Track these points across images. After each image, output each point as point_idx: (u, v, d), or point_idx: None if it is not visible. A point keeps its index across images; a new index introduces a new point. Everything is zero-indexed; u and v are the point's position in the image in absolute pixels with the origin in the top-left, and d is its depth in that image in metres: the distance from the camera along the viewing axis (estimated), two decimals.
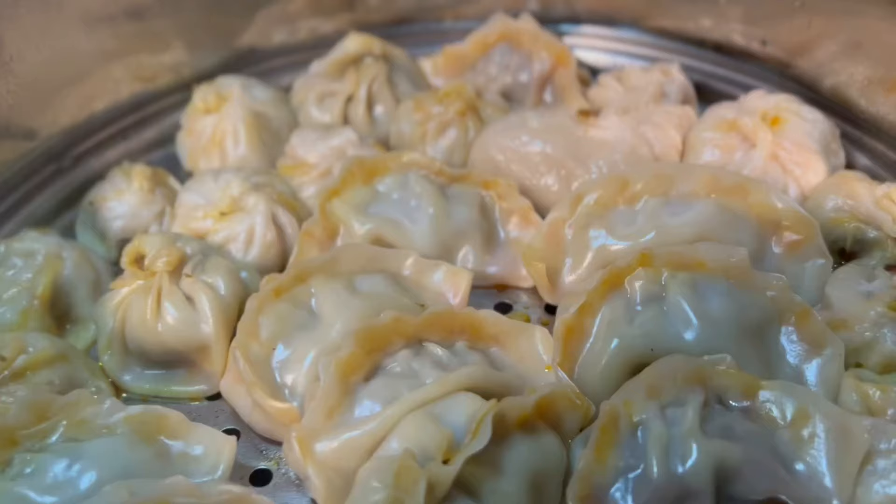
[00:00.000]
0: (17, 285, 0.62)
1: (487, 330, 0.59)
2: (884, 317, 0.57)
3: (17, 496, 0.49)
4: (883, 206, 0.65)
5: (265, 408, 0.54)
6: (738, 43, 0.82)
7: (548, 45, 0.81)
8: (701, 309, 0.59)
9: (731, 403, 0.55)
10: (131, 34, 0.76)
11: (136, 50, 0.77)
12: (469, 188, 0.69)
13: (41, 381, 0.58)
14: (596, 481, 0.52)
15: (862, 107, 0.74)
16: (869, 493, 0.50)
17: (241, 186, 0.68)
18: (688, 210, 0.65)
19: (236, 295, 0.60)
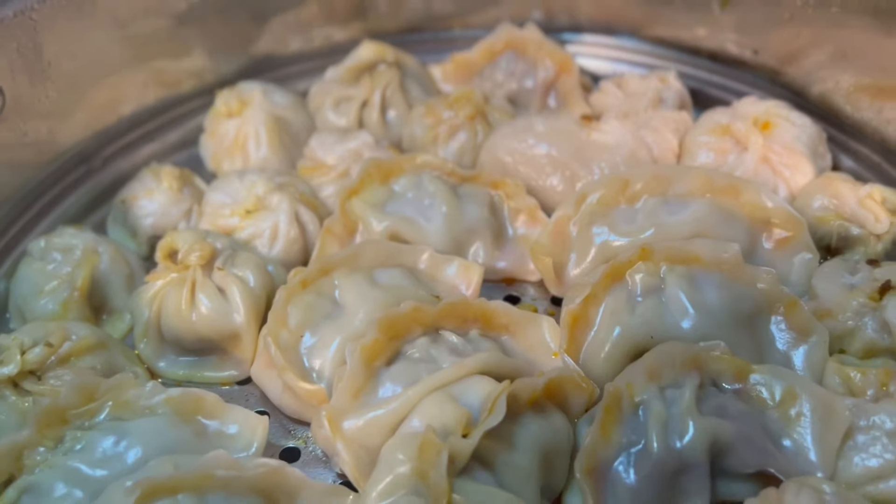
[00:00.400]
0: (57, 278, 0.66)
1: (499, 319, 0.62)
2: (865, 307, 0.60)
3: (70, 469, 0.53)
4: (865, 205, 0.68)
5: (296, 390, 0.58)
6: (731, 52, 0.85)
7: (552, 53, 0.85)
8: (697, 300, 0.62)
9: (725, 386, 0.58)
10: (157, 42, 0.79)
11: (161, 57, 0.81)
12: (479, 188, 0.73)
13: (84, 367, 0.61)
14: (601, 455, 0.55)
15: (847, 113, 0.77)
16: (850, 465, 0.54)
17: (265, 186, 0.72)
18: (684, 209, 0.68)
19: (264, 287, 0.64)
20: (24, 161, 0.71)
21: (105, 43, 0.75)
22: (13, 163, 0.70)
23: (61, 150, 0.75)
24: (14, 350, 0.58)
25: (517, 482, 0.52)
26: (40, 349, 0.58)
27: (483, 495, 0.49)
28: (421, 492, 0.50)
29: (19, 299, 0.66)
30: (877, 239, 0.68)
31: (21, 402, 0.57)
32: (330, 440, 0.54)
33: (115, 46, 0.76)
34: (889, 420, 0.53)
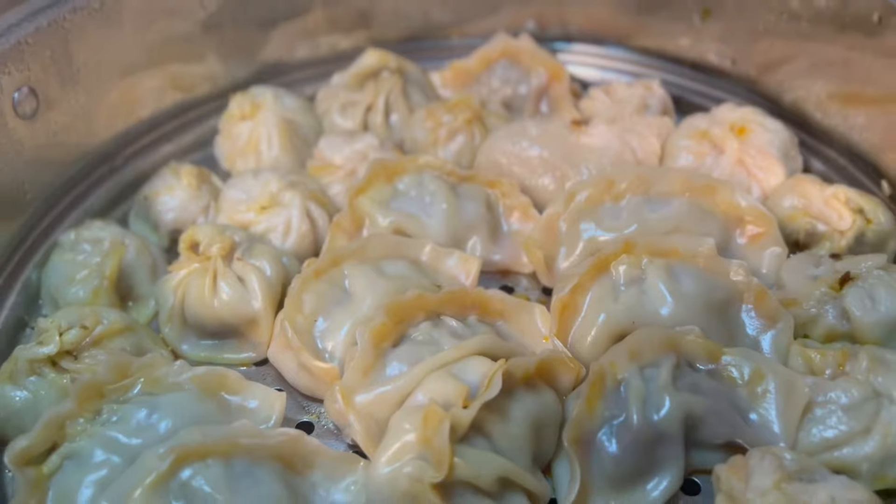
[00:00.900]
0: (87, 267, 0.70)
1: (494, 307, 0.67)
2: (827, 296, 0.65)
3: (108, 438, 0.57)
4: (831, 204, 0.73)
5: (311, 368, 0.62)
6: (711, 61, 0.89)
7: (544, 61, 0.89)
8: (674, 289, 0.66)
9: (698, 366, 0.62)
10: (175, 50, 0.83)
11: (178, 63, 0.85)
12: (476, 187, 0.77)
13: (115, 348, 0.65)
14: (586, 427, 0.59)
15: (817, 119, 0.82)
16: (808, 436, 0.59)
17: (278, 184, 0.76)
18: (665, 207, 0.73)
19: (279, 276, 0.69)
20: (54, 159, 0.75)
21: (128, 50, 0.79)
22: (44, 161, 0.73)
23: (87, 150, 0.79)
24: (53, 332, 0.62)
25: (511, 449, 0.56)
26: (76, 331, 0.63)
27: (481, 460, 0.54)
28: (426, 456, 0.55)
29: (52, 287, 0.70)
30: (840, 235, 0.73)
31: (59, 378, 0.61)
32: (343, 413, 0.59)
33: (136, 54, 0.80)
34: (844, 396, 0.58)
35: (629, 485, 0.58)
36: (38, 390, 0.61)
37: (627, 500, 0.57)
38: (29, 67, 0.70)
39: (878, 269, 0.65)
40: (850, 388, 0.59)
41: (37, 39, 0.70)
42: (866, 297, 0.64)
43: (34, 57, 0.70)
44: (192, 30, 0.84)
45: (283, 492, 0.55)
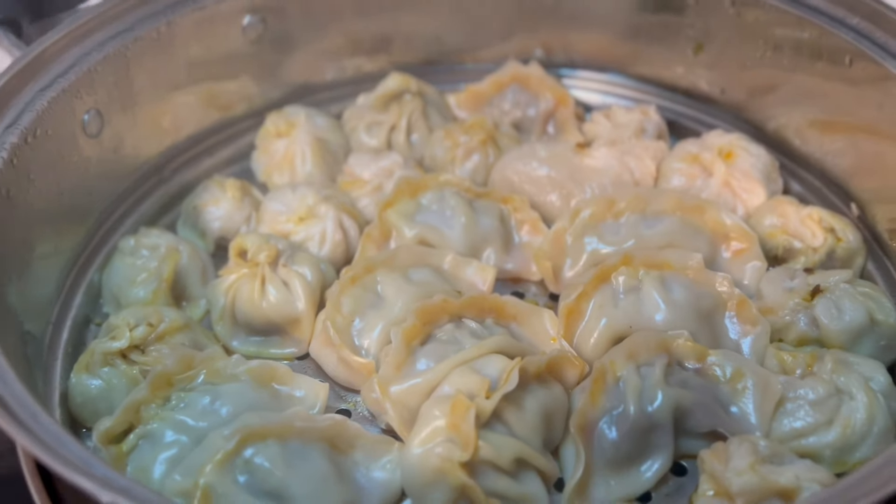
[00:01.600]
0: (146, 271, 0.78)
1: (509, 311, 0.74)
2: (799, 306, 0.73)
3: (177, 421, 0.65)
4: (805, 223, 0.80)
5: (350, 363, 0.70)
6: (703, 90, 0.95)
7: (551, 87, 0.96)
8: (667, 297, 0.73)
9: (687, 365, 0.69)
10: (216, 74, 0.90)
11: (219, 85, 0.92)
12: (491, 202, 0.85)
13: (176, 343, 0.72)
14: (589, 416, 0.66)
15: (797, 145, 0.89)
16: (780, 426, 0.66)
17: (314, 198, 0.84)
18: (659, 224, 0.80)
19: (319, 281, 0.77)
20: (113, 172, 0.82)
21: (176, 75, 0.86)
22: (106, 174, 0.81)
23: (139, 164, 0.86)
24: (123, 328, 0.70)
25: (526, 435, 0.64)
26: (143, 328, 0.71)
27: (501, 443, 0.62)
28: (454, 439, 0.62)
29: (115, 288, 0.78)
30: (813, 251, 0.79)
31: (129, 369, 0.69)
32: (379, 402, 0.67)
33: (183, 77, 0.87)
34: (811, 392, 0.66)
35: (626, 466, 0.65)
36: (110, 379, 0.69)
37: (624, 480, 0.65)
38: (96, 92, 0.78)
39: (844, 282, 0.73)
40: (816, 386, 0.67)
41: (104, 67, 0.78)
42: (833, 307, 0.71)
43: (101, 82, 0.78)
44: (232, 56, 0.91)
45: (330, 468, 0.63)
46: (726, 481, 0.60)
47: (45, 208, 0.72)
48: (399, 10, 0.98)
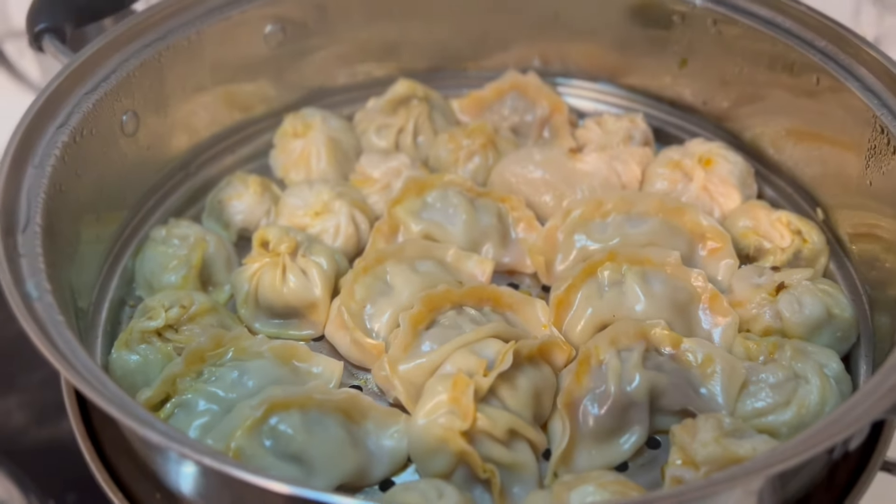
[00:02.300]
0: (177, 258, 0.84)
1: (505, 300, 0.81)
2: (765, 300, 0.79)
3: (209, 392, 0.72)
4: (775, 226, 0.86)
5: (363, 344, 0.77)
6: (687, 100, 1.01)
7: (547, 95, 1.03)
8: (647, 290, 0.79)
9: (663, 351, 0.75)
10: (239, 77, 0.97)
11: (240, 88, 0.99)
12: (490, 201, 0.91)
13: (206, 324, 0.79)
14: (575, 395, 0.72)
15: (770, 154, 0.95)
16: (744, 406, 0.73)
17: (329, 194, 0.91)
18: (642, 224, 0.86)
19: (333, 270, 0.84)
20: (145, 168, 0.89)
21: (203, 78, 0.93)
22: (139, 169, 0.88)
23: (168, 160, 0.93)
24: (159, 309, 0.77)
25: (518, 409, 0.71)
26: (176, 310, 0.77)
27: (496, 415, 0.69)
28: (455, 412, 0.68)
29: (148, 273, 0.85)
30: (781, 251, 0.86)
31: (164, 346, 0.76)
32: (389, 379, 0.74)
33: (208, 81, 0.94)
34: (771, 377, 0.73)
35: (606, 439, 0.72)
36: (147, 355, 0.76)
37: (604, 451, 0.71)
38: (134, 95, 0.85)
39: (806, 280, 0.80)
40: (776, 371, 0.73)
41: (140, 72, 0.85)
42: (795, 302, 0.78)
43: (138, 86, 0.85)
44: (254, 61, 0.98)
45: (345, 436, 0.70)
46: (693, 452, 0.67)
47: (89, 201, 0.79)
48: (407, 21, 1.05)
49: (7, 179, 0.67)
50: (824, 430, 0.52)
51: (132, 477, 0.64)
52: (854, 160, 0.82)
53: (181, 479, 0.60)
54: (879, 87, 0.79)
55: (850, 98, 0.81)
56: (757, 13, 0.90)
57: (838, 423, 0.52)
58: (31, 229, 0.65)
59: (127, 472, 0.65)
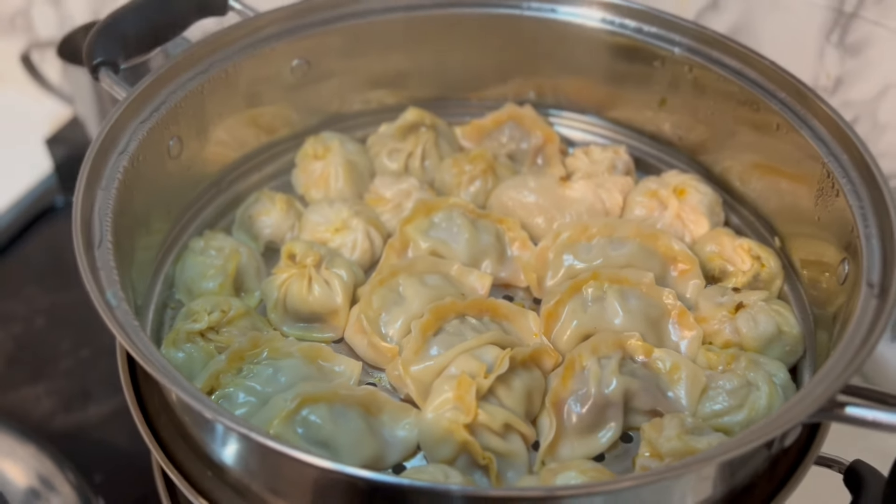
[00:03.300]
0: (214, 267, 0.94)
1: (501, 311, 0.88)
2: (726, 317, 0.86)
3: (248, 386, 0.78)
4: (737, 252, 0.95)
5: (378, 347, 0.87)
6: (665, 135, 1.10)
7: (541, 126, 1.12)
8: (625, 306, 0.86)
9: (637, 359, 0.83)
10: (266, 103, 1.07)
11: (267, 113, 1.09)
12: (489, 222, 1.01)
13: (242, 326, 0.89)
14: (561, 395, 0.79)
15: (737, 186, 1.04)
16: (704, 408, 0.80)
17: (347, 212, 1.01)
18: (622, 247, 0.93)
19: (352, 280, 0.94)
20: (185, 185, 0.99)
21: (237, 106, 1.03)
22: (180, 187, 0.98)
23: (204, 177, 1.03)
24: (203, 313, 0.87)
25: (513, 406, 0.78)
26: (217, 314, 0.87)
27: (494, 412, 0.77)
28: (459, 408, 0.75)
29: (188, 280, 0.95)
30: (742, 274, 0.94)
31: (207, 346, 0.86)
32: (402, 378, 0.82)
33: (240, 107, 1.04)
34: (728, 384, 0.81)
35: (586, 433, 0.79)
36: (192, 353, 0.86)
37: (585, 443, 0.79)
38: (179, 122, 0.95)
39: (761, 301, 0.89)
40: (732, 379, 0.81)
41: (185, 102, 0.94)
42: (751, 320, 0.85)
43: (183, 114, 0.95)
44: (280, 90, 1.08)
45: (364, 426, 0.79)
46: (659, 446, 0.75)
47: (142, 217, 0.89)
48: (416, 55, 1.14)
49: (83, 202, 0.78)
50: (761, 429, 0.64)
51: (187, 458, 0.75)
52: (806, 197, 0.90)
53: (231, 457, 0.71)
54: (829, 137, 0.89)
55: (805, 144, 0.89)
56: (728, 63, 1.00)
57: (772, 424, 0.64)
58: (105, 245, 0.76)
59: (182, 454, 0.76)
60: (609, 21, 1.08)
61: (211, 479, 0.73)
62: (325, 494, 0.67)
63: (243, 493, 0.72)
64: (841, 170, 0.87)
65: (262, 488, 0.71)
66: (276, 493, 0.70)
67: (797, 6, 1.22)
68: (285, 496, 0.70)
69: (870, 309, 0.73)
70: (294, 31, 1.05)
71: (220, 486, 0.73)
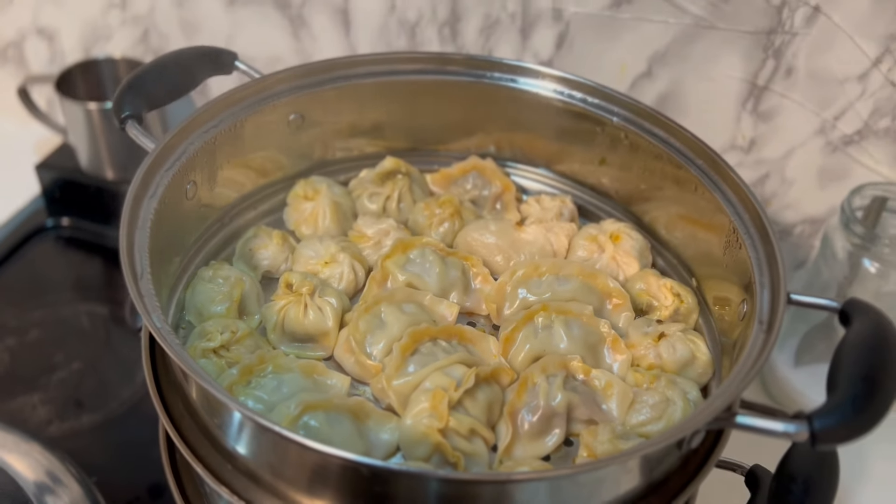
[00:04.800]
0: (221, 294, 1.06)
1: (467, 336, 0.96)
2: (651, 344, 0.96)
3: (256, 396, 0.86)
4: (661, 290, 1.04)
5: (363, 364, 0.94)
6: (604, 187, 1.20)
7: (500, 177, 1.26)
8: (569, 334, 0.96)
9: (578, 377, 0.92)
10: (263, 151, 1.20)
11: (264, 159, 1.23)
12: (456, 259, 1.07)
13: (247, 345, 0.97)
14: (516, 406, 0.88)
15: (663, 234, 1.14)
16: (630, 418, 0.89)
17: (335, 248, 1.15)
18: (567, 284, 1.02)
19: (341, 307, 1.06)
20: (196, 222, 1.11)
21: (242, 155, 1.16)
22: (192, 223, 1.09)
23: (209, 215, 1.14)
24: (215, 333, 0.95)
25: (477, 415, 0.87)
26: (227, 334, 0.94)
27: (461, 419, 0.84)
28: (433, 415, 0.83)
29: (199, 304, 1.07)
30: (665, 308, 1.03)
31: (219, 361, 0.92)
32: (384, 390, 0.90)
33: (245, 156, 1.17)
34: (650, 399, 0.90)
35: (536, 438, 0.89)
36: (206, 367, 0.91)
37: (535, 446, 0.89)
38: (195, 169, 1.08)
39: (680, 331, 0.98)
40: (654, 395, 0.90)
41: (201, 152, 1.08)
42: (671, 347, 0.96)
43: (198, 163, 1.08)
44: (276, 139, 1.22)
45: (354, 430, 0.85)
46: (594, 448, 0.85)
47: (165, 250, 1.03)
48: (393, 111, 1.29)
49: (127, 240, 0.92)
50: (671, 433, 0.81)
51: (209, 453, 0.91)
52: (717, 246, 1.01)
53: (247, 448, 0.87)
54: (735, 199, 1.04)
55: (716, 203, 1.00)
56: (656, 133, 1.16)
57: (680, 428, 0.82)
58: (146, 276, 0.90)
59: (205, 450, 0.91)
60: (560, 91, 1.26)
61: (230, 471, 0.89)
62: (326, 478, 0.83)
63: (257, 480, 0.87)
64: (743, 226, 0.97)
65: (273, 476, 0.86)
66: (284, 479, 0.85)
67: (718, 78, 1.43)
68: (292, 482, 0.85)
69: (759, 341, 0.92)
70: (293, 91, 1.21)
71: (238, 476, 0.89)
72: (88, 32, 1.76)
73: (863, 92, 1.18)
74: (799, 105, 1.25)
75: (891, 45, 1.24)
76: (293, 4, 1.64)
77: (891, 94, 1.16)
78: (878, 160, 1.23)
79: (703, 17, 1.22)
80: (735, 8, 1.29)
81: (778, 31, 1.19)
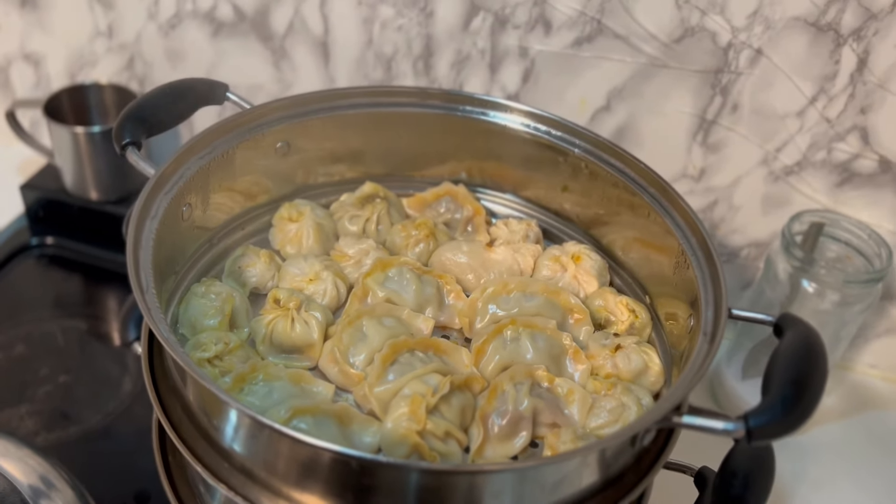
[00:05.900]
0: (213, 308, 1.12)
1: (441, 347, 1.01)
2: (608, 355, 1.01)
3: (249, 402, 0.90)
4: (618, 306, 1.10)
5: (347, 373, 0.99)
6: (566, 212, 1.26)
7: (471, 201, 1.32)
8: (535, 346, 1.01)
9: (543, 385, 0.97)
10: (251, 176, 1.27)
11: (252, 184, 1.30)
12: (431, 277, 1.11)
13: (239, 356, 1.03)
14: (487, 411, 0.92)
15: (620, 255, 1.20)
16: (590, 422, 0.93)
17: (319, 266, 1.23)
18: (533, 300, 1.07)
19: (325, 321, 1.14)
20: (189, 242, 1.17)
21: (232, 180, 1.23)
22: (185, 243, 1.16)
23: (201, 235, 1.20)
24: (210, 344, 1.00)
25: (452, 419, 0.90)
26: (221, 345, 0.99)
27: (437, 422, 0.87)
28: (412, 419, 0.87)
29: (192, 318, 1.13)
30: (621, 323, 1.09)
31: (213, 370, 0.96)
32: (367, 397, 0.96)
33: (235, 181, 1.24)
34: (608, 404, 0.94)
35: (505, 440, 0.94)
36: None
37: (504, 447, 0.94)
38: (191, 193, 1.16)
39: (634, 343, 1.04)
40: (611, 401, 0.94)
41: (196, 177, 1.15)
42: (626, 358, 1.01)
43: (194, 187, 1.16)
44: (264, 165, 1.29)
45: (339, 433, 0.89)
46: (557, 449, 0.97)
47: (163, 268, 1.10)
48: (372, 140, 1.37)
49: (133, 258, 1.00)
50: (624, 430, 0.92)
51: (206, 453, 0.99)
52: (668, 267, 1.07)
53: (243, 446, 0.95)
54: (683, 224, 1.13)
55: (667, 227, 1.06)
56: (613, 163, 1.25)
57: (632, 427, 0.92)
58: (150, 292, 0.99)
59: (202, 450, 0.99)
60: (526, 124, 1.35)
61: (227, 469, 0.97)
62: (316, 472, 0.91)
63: (252, 477, 0.96)
64: (691, 249, 1.04)
65: (268, 472, 0.94)
66: (278, 474, 0.93)
67: (670, 112, 1.55)
68: (285, 477, 0.93)
69: (703, 350, 1.02)
70: (282, 120, 1.30)
71: (234, 473, 0.97)
72: (75, 59, 1.84)
73: (801, 127, 1.30)
74: (744, 138, 1.33)
75: (825, 85, 1.33)
76: (275, 36, 1.74)
77: (826, 130, 1.29)
78: (816, 189, 1.36)
79: (658, 57, 1.34)
80: (686, 49, 1.42)
81: (724, 71, 1.31)
